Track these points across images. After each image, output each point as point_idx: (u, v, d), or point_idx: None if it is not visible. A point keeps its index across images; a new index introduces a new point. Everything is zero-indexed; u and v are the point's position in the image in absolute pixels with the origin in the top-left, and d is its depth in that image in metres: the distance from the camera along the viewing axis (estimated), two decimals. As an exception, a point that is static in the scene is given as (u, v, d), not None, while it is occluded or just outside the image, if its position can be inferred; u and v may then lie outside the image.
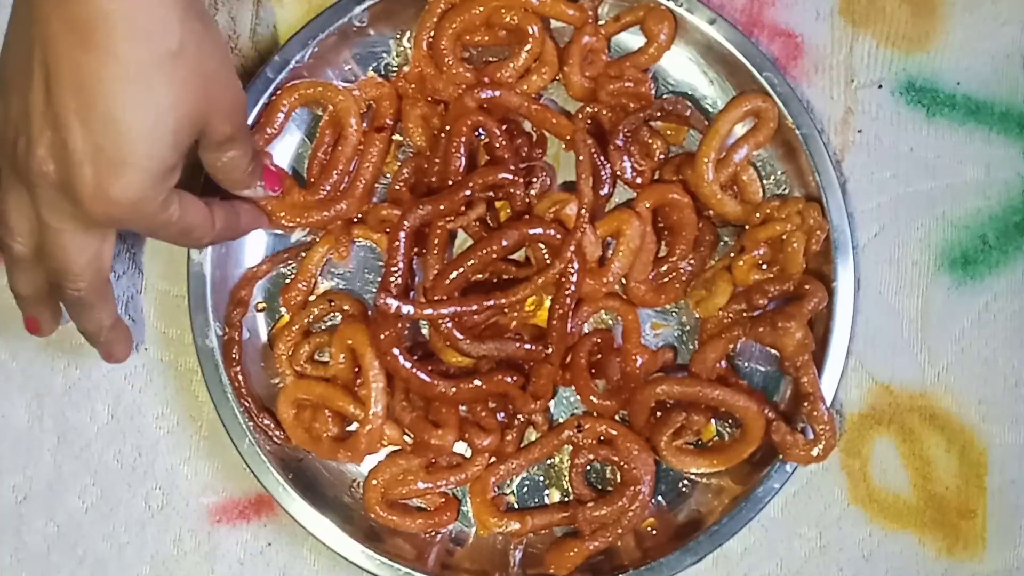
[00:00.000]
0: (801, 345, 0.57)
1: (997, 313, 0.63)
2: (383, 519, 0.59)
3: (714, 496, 0.60)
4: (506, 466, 0.60)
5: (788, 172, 0.61)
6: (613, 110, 0.60)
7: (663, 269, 0.61)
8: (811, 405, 0.58)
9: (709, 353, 0.59)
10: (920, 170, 0.63)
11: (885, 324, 0.62)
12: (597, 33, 0.60)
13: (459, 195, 0.57)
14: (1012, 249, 0.63)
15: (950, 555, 0.62)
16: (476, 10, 0.59)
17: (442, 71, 0.60)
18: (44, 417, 0.62)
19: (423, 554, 0.59)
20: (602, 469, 0.61)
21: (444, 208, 0.57)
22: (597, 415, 0.60)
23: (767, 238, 0.59)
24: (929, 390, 0.62)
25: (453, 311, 0.56)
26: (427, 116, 0.61)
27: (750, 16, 0.63)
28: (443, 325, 0.56)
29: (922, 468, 0.62)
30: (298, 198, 0.60)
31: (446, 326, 0.56)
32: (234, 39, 0.63)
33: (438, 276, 0.57)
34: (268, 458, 0.58)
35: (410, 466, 0.59)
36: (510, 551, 0.60)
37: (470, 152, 0.59)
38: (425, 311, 0.56)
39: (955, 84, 0.64)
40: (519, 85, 0.60)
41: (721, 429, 0.61)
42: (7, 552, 0.62)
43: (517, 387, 0.58)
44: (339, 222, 0.60)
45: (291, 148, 0.62)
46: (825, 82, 0.63)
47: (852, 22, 0.64)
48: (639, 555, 0.59)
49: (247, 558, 0.62)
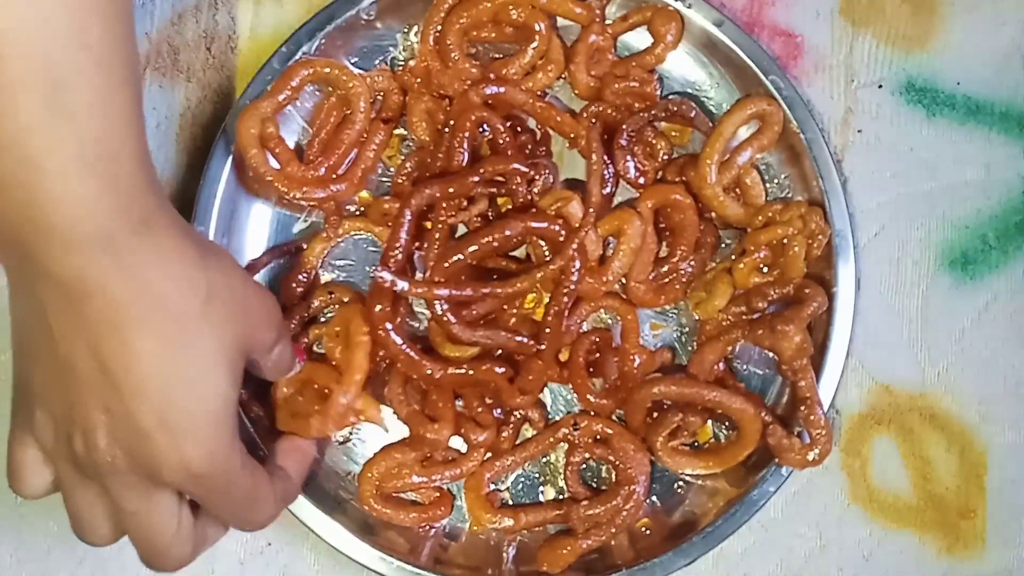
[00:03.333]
0: (799, 349, 0.57)
1: (997, 313, 0.63)
2: (377, 512, 0.59)
3: (709, 498, 0.60)
4: (501, 462, 0.59)
5: (791, 176, 0.61)
6: (618, 109, 0.61)
7: (663, 270, 0.60)
8: (808, 409, 0.58)
9: (707, 355, 0.59)
10: (920, 170, 0.63)
11: (885, 324, 0.62)
12: (604, 32, 0.61)
13: (470, 179, 0.57)
14: (1012, 249, 0.63)
15: (950, 555, 0.62)
16: (483, 6, 0.60)
17: (448, 66, 0.60)
18: (44, 417, 0.62)
19: (417, 548, 0.59)
20: (598, 468, 0.61)
21: (454, 190, 0.57)
22: (594, 414, 0.60)
23: (768, 241, 0.59)
24: (929, 390, 0.62)
25: (448, 293, 0.56)
26: (432, 111, 0.61)
27: (750, 16, 0.63)
28: (438, 306, 0.56)
29: (922, 468, 0.62)
30: (296, 172, 0.59)
31: (441, 307, 0.56)
32: (234, 39, 0.63)
33: (438, 259, 0.57)
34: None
35: (405, 460, 0.59)
36: (504, 547, 0.60)
37: (473, 148, 0.59)
38: (419, 289, 0.56)
39: (955, 84, 0.64)
40: (524, 82, 0.61)
41: (717, 431, 0.61)
42: (7, 552, 0.62)
43: (505, 379, 0.57)
44: (332, 203, 0.60)
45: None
46: (825, 82, 0.63)
47: (852, 22, 0.64)
48: (632, 555, 0.59)
49: (247, 558, 0.62)
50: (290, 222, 0.62)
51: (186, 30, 0.63)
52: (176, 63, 0.63)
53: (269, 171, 0.59)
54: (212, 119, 0.63)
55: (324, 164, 0.60)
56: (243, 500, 0.50)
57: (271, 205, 0.62)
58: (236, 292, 0.48)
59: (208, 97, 0.63)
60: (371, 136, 0.61)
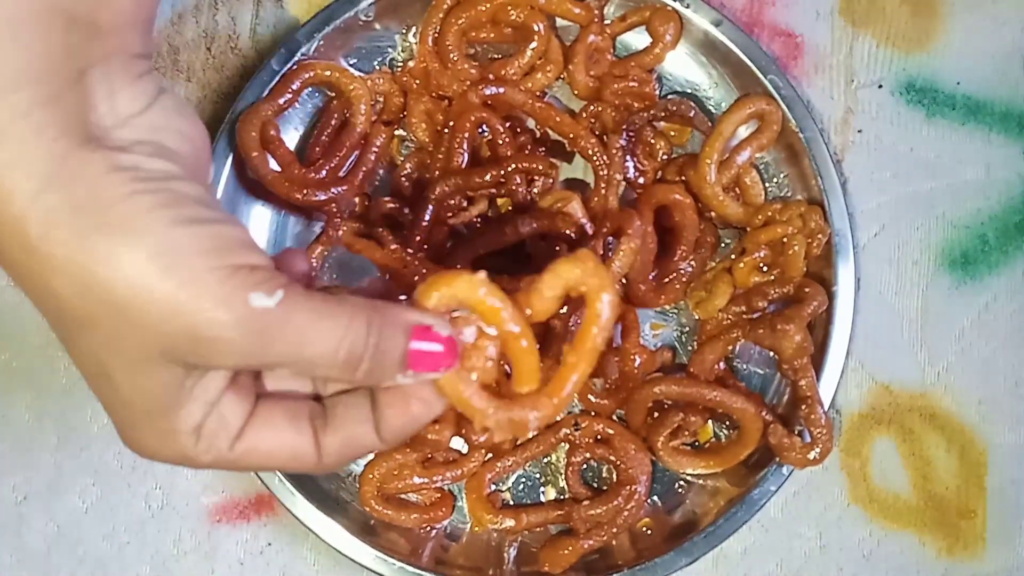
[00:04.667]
0: (800, 348, 0.57)
1: (997, 313, 0.63)
2: (378, 513, 0.59)
3: (710, 497, 0.60)
4: (502, 463, 0.59)
5: (790, 175, 0.61)
6: (617, 109, 0.61)
7: (663, 269, 0.61)
8: (809, 408, 0.58)
9: (708, 354, 0.59)
10: (920, 170, 0.63)
11: (885, 324, 0.62)
12: (603, 32, 0.61)
13: (498, 171, 0.57)
14: (1012, 249, 0.63)
15: (950, 555, 0.62)
16: (482, 7, 0.60)
17: (447, 67, 0.60)
18: (44, 417, 0.62)
19: (418, 549, 0.59)
20: (599, 468, 0.61)
21: (479, 180, 0.57)
22: (594, 414, 0.60)
23: (768, 241, 0.59)
24: (929, 390, 0.62)
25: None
26: (431, 112, 0.61)
27: (750, 16, 0.64)
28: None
29: (922, 468, 0.62)
30: (297, 174, 0.59)
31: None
32: (234, 39, 0.63)
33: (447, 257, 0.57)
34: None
35: (406, 461, 0.59)
36: (505, 548, 0.60)
37: (473, 148, 0.59)
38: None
39: (955, 84, 0.64)
40: (524, 83, 0.61)
41: (718, 431, 0.61)
42: (7, 552, 0.62)
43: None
44: (333, 205, 0.60)
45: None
46: (825, 82, 0.63)
47: (852, 22, 0.64)
48: (634, 555, 0.59)
49: (247, 558, 0.62)
50: (289, 223, 0.62)
51: (186, 30, 0.63)
52: (176, 63, 0.63)
53: (270, 173, 0.59)
54: (212, 119, 0.63)
55: (325, 166, 0.60)
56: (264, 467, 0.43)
57: (271, 207, 0.62)
58: None
59: (208, 97, 0.63)
60: (372, 138, 0.61)
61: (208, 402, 0.38)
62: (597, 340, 0.40)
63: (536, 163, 0.58)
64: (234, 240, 0.36)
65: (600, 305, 0.40)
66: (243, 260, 0.35)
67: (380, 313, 0.38)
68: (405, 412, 0.40)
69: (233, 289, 0.35)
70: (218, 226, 0.35)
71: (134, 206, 0.34)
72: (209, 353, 0.35)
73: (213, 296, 0.34)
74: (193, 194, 0.36)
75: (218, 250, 0.35)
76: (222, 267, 0.35)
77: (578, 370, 0.41)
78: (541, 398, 0.41)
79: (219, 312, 0.34)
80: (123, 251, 0.34)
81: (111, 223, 0.34)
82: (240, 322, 0.35)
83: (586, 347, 0.41)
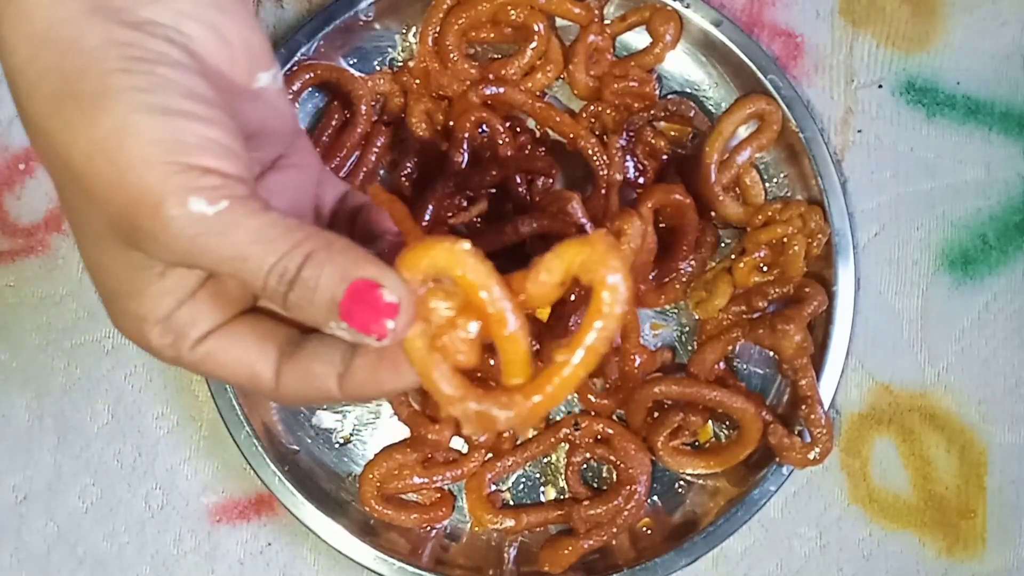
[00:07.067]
0: (800, 348, 0.57)
1: (997, 313, 0.63)
2: (378, 513, 0.59)
3: (710, 497, 0.60)
4: (502, 463, 0.60)
5: (790, 175, 0.61)
6: (617, 109, 0.61)
7: (663, 269, 0.61)
8: (809, 408, 0.58)
9: (708, 354, 0.59)
10: (920, 170, 0.63)
11: (885, 324, 0.63)
12: (603, 32, 0.61)
13: (512, 168, 0.58)
14: (1012, 249, 0.63)
15: (950, 555, 0.62)
16: (482, 7, 0.60)
17: (447, 67, 0.60)
18: (44, 417, 0.62)
19: (418, 549, 0.59)
20: (599, 468, 0.61)
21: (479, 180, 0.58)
22: (594, 414, 0.60)
23: (768, 241, 0.59)
24: (929, 390, 0.62)
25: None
26: (431, 111, 0.61)
27: (750, 16, 0.64)
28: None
29: (922, 468, 0.62)
30: None
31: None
32: (235, 39, 0.63)
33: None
34: (265, 452, 0.58)
35: (406, 461, 0.59)
36: (505, 548, 0.60)
37: (473, 148, 0.59)
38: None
39: (955, 84, 0.64)
40: (524, 82, 0.61)
41: (718, 431, 0.61)
42: (7, 552, 0.62)
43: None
44: None
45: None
46: (825, 82, 0.64)
47: (852, 22, 0.64)
48: (634, 555, 0.59)
49: (247, 558, 0.62)
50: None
51: (186, 30, 0.63)
52: (176, 63, 0.63)
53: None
54: (212, 120, 0.63)
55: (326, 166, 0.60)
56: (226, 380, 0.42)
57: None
58: None
59: (208, 97, 0.63)
60: (372, 139, 0.61)
61: (178, 298, 0.37)
62: (596, 339, 0.35)
63: (536, 163, 0.58)
64: (201, 139, 0.35)
65: (605, 297, 0.34)
66: (198, 161, 0.34)
67: (329, 251, 0.35)
68: (373, 372, 0.38)
69: (176, 187, 0.34)
70: (191, 122, 0.34)
71: (111, 82, 0.34)
72: (144, 243, 0.35)
73: (155, 189, 0.34)
74: (185, 84, 0.35)
75: (177, 144, 0.34)
76: (173, 163, 0.34)
77: (567, 372, 0.35)
78: (516, 397, 0.35)
79: (157, 206, 0.34)
80: (84, 124, 0.34)
81: (84, 94, 0.34)
82: (173, 220, 0.34)
83: (581, 346, 0.35)
